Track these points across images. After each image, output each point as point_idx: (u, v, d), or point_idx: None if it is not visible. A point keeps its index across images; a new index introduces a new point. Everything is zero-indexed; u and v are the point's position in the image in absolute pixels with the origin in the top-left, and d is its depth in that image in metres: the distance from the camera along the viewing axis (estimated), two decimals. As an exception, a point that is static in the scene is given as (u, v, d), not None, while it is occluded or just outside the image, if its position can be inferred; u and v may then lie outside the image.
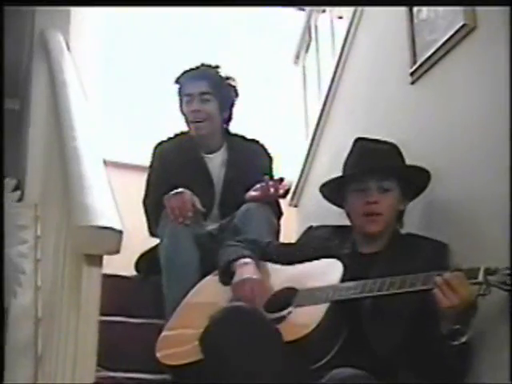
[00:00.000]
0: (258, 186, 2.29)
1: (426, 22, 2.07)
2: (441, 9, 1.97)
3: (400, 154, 1.88)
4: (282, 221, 2.42)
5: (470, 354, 1.57)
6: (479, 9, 1.79)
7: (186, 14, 3.68)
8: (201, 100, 2.46)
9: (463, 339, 1.51)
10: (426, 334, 1.59)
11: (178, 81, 2.52)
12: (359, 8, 2.61)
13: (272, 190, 2.26)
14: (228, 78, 2.52)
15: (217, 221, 2.36)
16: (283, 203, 2.53)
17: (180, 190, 2.24)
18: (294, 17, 3.67)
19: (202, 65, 2.52)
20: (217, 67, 2.52)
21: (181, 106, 2.53)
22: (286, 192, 2.35)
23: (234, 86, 2.53)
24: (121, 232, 1.09)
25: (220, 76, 2.50)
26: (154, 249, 2.32)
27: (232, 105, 2.54)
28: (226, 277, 1.86)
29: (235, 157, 2.49)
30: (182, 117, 2.54)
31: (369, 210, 1.78)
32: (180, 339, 1.77)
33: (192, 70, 2.51)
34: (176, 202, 2.20)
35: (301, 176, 3.16)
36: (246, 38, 3.81)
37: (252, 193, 2.30)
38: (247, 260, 1.85)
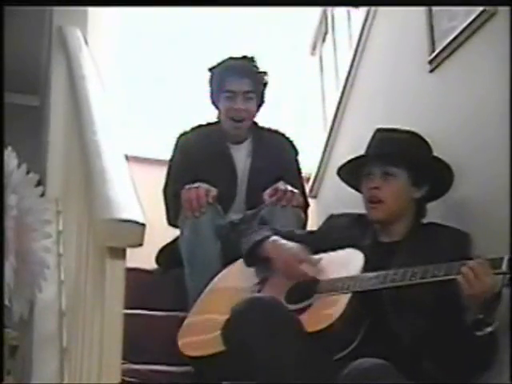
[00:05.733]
0: (274, 188, 2.23)
1: (444, 9, 2.05)
2: (460, -5, 1.95)
3: (424, 141, 1.84)
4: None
5: (496, 345, 1.55)
6: (499, -6, 1.77)
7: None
8: (245, 99, 2.40)
9: (489, 329, 1.50)
10: (450, 324, 1.58)
11: (213, 70, 2.46)
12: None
13: (284, 199, 2.20)
14: (262, 73, 2.47)
15: (241, 212, 2.35)
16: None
17: (197, 184, 2.23)
18: (310, 7, 3.64)
19: (244, 57, 2.45)
20: (253, 60, 2.46)
21: (214, 96, 2.46)
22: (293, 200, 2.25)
23: (266, 82, 2.49)
24: (143, 225, 1.09)
25: (259, 72, 2.45)
26: (175, 242, 2.33)
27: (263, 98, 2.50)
28: (252, 258, 1.86)
29: (261, 148, 2.46)
30: (212, 106, 2.48)
31: (370, 196, 1.77)
32: (204, 326, 1.77)
33: (231, 60, 2.44)
34: (190, 196, 2.19)
35: (319, 167, 3.16)
36: (262, 29, 3.79)
37: (267, 197, 2.24)
38: (275, 237, 1.84)
